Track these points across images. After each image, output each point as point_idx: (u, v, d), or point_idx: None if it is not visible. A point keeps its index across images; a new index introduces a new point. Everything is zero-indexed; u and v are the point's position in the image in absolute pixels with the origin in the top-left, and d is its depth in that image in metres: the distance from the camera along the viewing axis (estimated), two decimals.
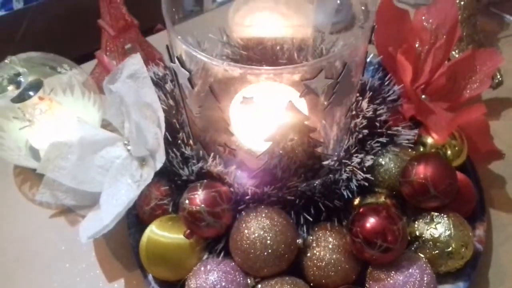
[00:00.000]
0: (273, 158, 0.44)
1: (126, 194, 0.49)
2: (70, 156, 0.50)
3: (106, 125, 0.59)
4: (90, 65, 0.69)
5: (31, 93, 0.52)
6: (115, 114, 0.52)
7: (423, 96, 0.56)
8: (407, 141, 0.49)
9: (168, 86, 0.51)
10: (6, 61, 0.50)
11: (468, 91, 0.58)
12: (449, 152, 0.52)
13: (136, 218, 0.50)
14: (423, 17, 0.57)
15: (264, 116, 0.45)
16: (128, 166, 0.51)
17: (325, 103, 0.41)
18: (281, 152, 0.43)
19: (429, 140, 0.52)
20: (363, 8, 0.67)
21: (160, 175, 0.48)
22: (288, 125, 0.40)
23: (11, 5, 0.98)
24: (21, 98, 0.51)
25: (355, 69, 0.40)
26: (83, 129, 0.51)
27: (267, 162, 0.44)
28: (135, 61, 0.48)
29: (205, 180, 0.45)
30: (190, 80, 0.39)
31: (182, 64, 0.39)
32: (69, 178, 0.50)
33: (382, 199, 0.47)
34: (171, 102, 0.50)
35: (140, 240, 0.46)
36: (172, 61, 0.41)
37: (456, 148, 0.52)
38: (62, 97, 0.56)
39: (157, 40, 0.69)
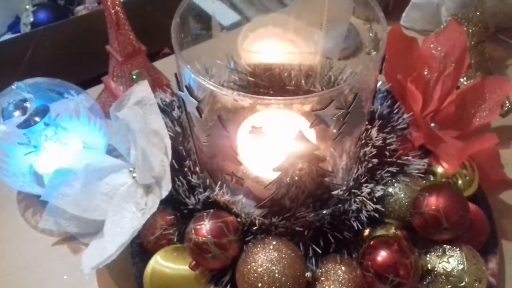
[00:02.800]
0: (281, 188, 0.43)
1: (131, 222, 0.48)
2: (75, 183, 0.49)
3: (111, 150, 0.58)
4: (95, 89, 0.69)
5: (37, 119, 0.52)
6: (121, 141, 0.51)
7: (432, 124, 0.55)
8: (417, 171, 0.48)
9: (175, 112, 0.51)
10: (13, 87, 0.50)
11: (477, 119, 0.57)
12: (460, 181, 0.51)
13: (140, 247, 0.49)
14: (432, 45, 0.57)
15: (272, 145, 0.44)
16: (133, 193, 0.50)
17: (335, 132, 0.40)
18: (289, 181, 0.42)
19: (439, 170, 0.51)
20: (370, 34, 0.68)
21: (165, 203, 0.47)
22: (298, 155, 0.40)
23: (18, 27, 0.98)
24: (27, 124, 0.51)
25: (366, 98, 0.39)
26: (89, 155, 0.51)
27: (275, 191, 0.43)
28: (142, 88, 0.48)
29: (211, 210, 0.44)
30: (198, 109, 0.38)
31: (191, 92, 0.38)
32: (73, 206, 0.49)
33: (393, 230, 0.46)
34: (178, 129, 0.50)
35: (144, 271, 0.45)
36: (180, 89, 0.41)
37: (467, 177, 0.51)
38: (68, 122, 0.56)
39: (164, 65, 0.69)
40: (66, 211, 0.51)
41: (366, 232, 0.46)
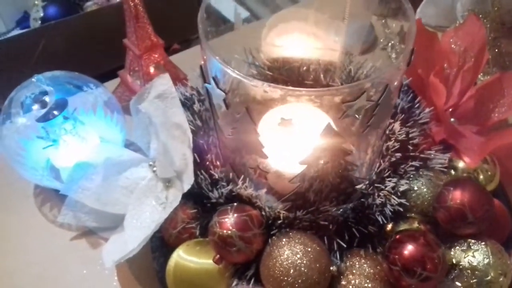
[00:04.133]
0: (305, 182, 0.42)
1: (151, 216, 0.48)
2: (95, 177, 0.49)
3: (128, 144, 0.58)
4: (110, 84, 0.68)
5: (55, 112, 0.51)
6: (141, 135, 0.51)
7: (451, 119, 0.55)
8: (440, 165, 0.48)
9: (196, 106, 0.50)
10: (32, 79, 0.49)
11: (496, 115, 0.57)
12: (481, 176, 0.50)
13: (160, 241, 0.49)
14: (451, 40, 0.56)
15: (295, 138, 0.44)
16: (153, 187, 0.50)
17: (358, 125, 0.40)
18: (314, 175, 0.42)
19: (460, 164, 0.51)
20: (386, 31, 0.67)
21: (186, 197, 0.46)
22: (324, 148, 0.39)
23: (26, 23, 0.98)
24: (46, 117, 0.50)
25: (394, 91, 0.39)
26: (108, 149, 0.50)
27: (300, 185, 0.42)
28: (164, 81, 0.48)
29: (235, 204, 0.44)
30: (225, 101, 0.38)
31: (218, 84, 0.38)
32: (93, 200, 0.49)
33: (416, 224, 0.46)
34: (198, 122, 0.50)
35: (167, 265, 0.44)
36: (206, 81, 0.41)
37: (489, 172, 0.50)
38: (85, 116, 0.56)
39: (175, 61, 0.69)
40: (85, 205, 0.50)
41: (389, 226, 0.46)
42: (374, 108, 0.37)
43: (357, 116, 0.38)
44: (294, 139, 0.43)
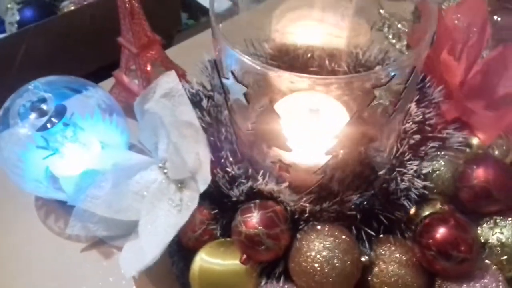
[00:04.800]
0: (327, 172, 0.41)
1: (166, 220, 0.46)
2: (104, 183, 0.47)
3: (130, 147, 0.56)
4: (102, 85, 0.65)
5: (54, 119, 0.48)
6: (148, 136, 0.48)
7: None
8: (458, 144, 0.47)
9: (204, 102, 0.48)
10: (29, 86, 0.46)
11: (501, 88, 0.56)
12: (496, 152, 0.50)
13: (177, 245, 0.47)
14: (454, 16, 0.56)
15: (317, 128, 0.42)
16: (165, 190, 0.47)
17: (383, 110, 0.39)
18: (338, 165, 0.40)
19: (475, 141, 0.50)
20: (381, 11, 0.66)
21: (200, 197, 0.45)
22: (349, 137, 0.38)
23: (2, 27, 0.93)
24: (45, 125, 0.47)
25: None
26: (115, 154, 0.48)
27: (324, 176, 0.41)
28: (169, 79, 0.45)
29: (257, 200, 0.42)
30: (245, 95, 0.36)
31: (237, 78, 0.36)
32: (104, 208, 0.47)
33: (439, 205, 0.45)
34: (208, 119, 0.48)
35: (191, 269, 0.43)
36: (220, 75, 0.39)
37: (504, 147, 0.50)
38: (82, 121, 0.53)
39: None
40: (94, 215, 0.48)
41: (413, 210, 0.45)
42: (401, 92, 0.35)
43: (381, 102, 0.36)
44: (314, 130, 0.42)
